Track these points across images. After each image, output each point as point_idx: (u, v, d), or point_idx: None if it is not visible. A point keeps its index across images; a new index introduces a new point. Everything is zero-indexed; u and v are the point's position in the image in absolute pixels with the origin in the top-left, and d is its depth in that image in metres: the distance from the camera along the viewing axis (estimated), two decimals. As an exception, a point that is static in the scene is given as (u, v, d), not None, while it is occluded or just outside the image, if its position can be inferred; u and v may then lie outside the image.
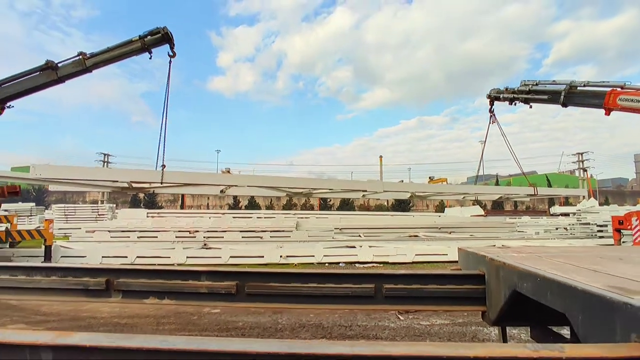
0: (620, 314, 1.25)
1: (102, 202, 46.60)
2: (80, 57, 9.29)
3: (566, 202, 48.98)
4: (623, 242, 10.43)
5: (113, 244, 13.33)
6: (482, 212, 22.93)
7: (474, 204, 30.48)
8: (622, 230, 10.18)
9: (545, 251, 2.75)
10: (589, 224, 17.46)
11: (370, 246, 12.00)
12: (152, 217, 21.38)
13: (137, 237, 15.06)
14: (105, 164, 61.53)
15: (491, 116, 13.48)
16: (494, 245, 10.91)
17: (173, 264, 10.23)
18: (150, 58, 9.81)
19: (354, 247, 12.67)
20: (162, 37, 9.51)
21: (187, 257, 10.77)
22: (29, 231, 9.64)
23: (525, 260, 2.14)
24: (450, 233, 16.76)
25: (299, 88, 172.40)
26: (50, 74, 9.18)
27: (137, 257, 10.54)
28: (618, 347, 1.14)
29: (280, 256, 10.72)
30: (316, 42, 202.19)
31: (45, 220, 10.54)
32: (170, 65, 9.87)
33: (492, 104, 13.49)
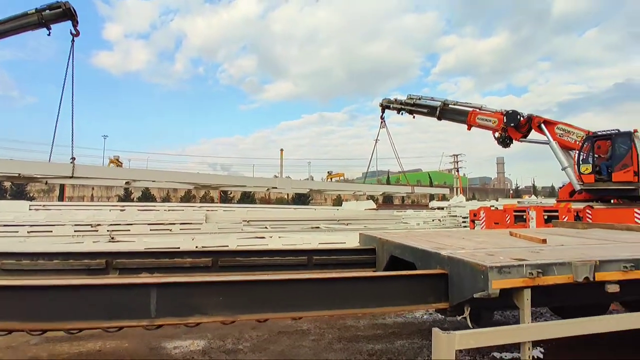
0: (433, 258, 2.72)
1: (-48, 192, 39.46)
2: None
3: (444, 197, 56.91)
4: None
5: (4, 239, 12.28)
6: (375, 206, 25.93)
7: (368, 199, 34.01)
8: (475, 221, 13.14)
9: (413, 233, 4.34)
10: (456, 216, 21.30)
11: (279, 237, 13.27)
12: (37, 209, 19.48)
13: (27, 232, 13.94)
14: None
15: (382, 122, 15.59)
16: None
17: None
18: (49, 34, 8.98)
19: (264, 237, 13.80)
20: (64, 13, 8.77)
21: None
22: None
23: (397, 238, 3.63)
24: (347, 224, 18.92)
25: (199, 73, 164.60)
26: None
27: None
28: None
29: (196, 247, 11.32)
30: (220, 26, 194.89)
31: None
32: (72, 45, 9.06)
33: (383, 111, 15.65)
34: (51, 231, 14.14)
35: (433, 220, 22.18)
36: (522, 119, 12.01)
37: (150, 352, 3.79)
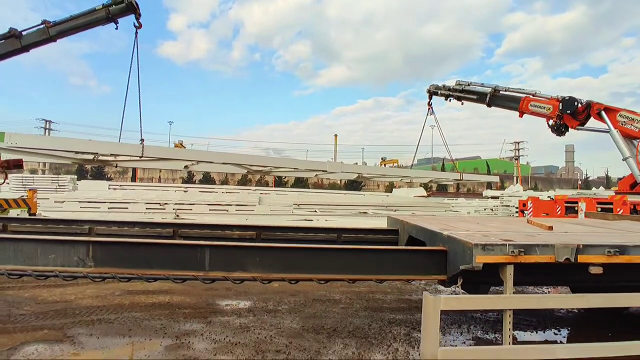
0: (438, 237, 3.16)
1: (44, 172, 45.02)
2: (44, 25, 9.07)
3: (502, 186, 54.47)
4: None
5: (89, 213, 14.20)
6: (425, 193, 25.81)
7: (420, 186, 33.63)
8: (524, 211, 12.88)
9: (435, 217, 4.73)
10: (509, 205, 20.66)
11: (326, 220, 13.97)
12: (115, 189, 21.94)
13: (108, 208, 15.97)
14: (47, 131, 58.32)
15: (429, 109, 15.44)
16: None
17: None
18: (116, 29, 9.59)
19: (312, 220, 14.59)
20: (127, 7, 9.21)
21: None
22: (15, 200, 10.45)
23: (415, 220, 4.07)
24: (395, 211, 19.21)
25: (255, 60, 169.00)
26: (14, 42, 8.98)
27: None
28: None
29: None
30: (275, 12, 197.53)
31: (29, 189, 11.31)
32: (136, 37, 9.50)
33: (430, 97, 15.46)
34: (127, 208, 16.08)
35: (485, 210, 21.69)
36: (579, 105, 11.47)
37: (207, 306, 4.60)
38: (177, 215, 14.78)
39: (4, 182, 9.46)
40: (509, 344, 2.65)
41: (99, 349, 3.33)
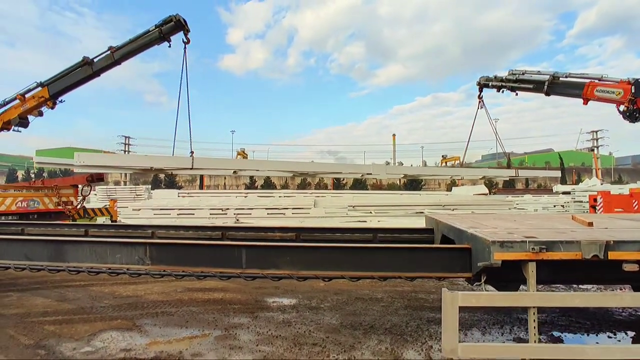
0: (464, 235, 3.21)
1: (125, 183, 49.84)
2: (110, 51, 9.97)
3: (578, 180, 49.95)
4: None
5: (161, 219, 15.57)
6: (486, 191, 24.59)
7: (483, 183, 31.95)
8: (595, 207, 11.90)
9: (471, 215, 4.68)
10: (582, 201, 19.05)
11: (379, 221, 13.98)
12: (183, 196, 23.75)
13: (177, 214, 17.39)
14: (127, 146, 64.41)
15: (480, 101, 14.68)
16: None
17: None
18: (169, 46, 10.12)
19: (365, 221, 14.68)
20: (175, 25, 9.74)
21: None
22: (100, 209, 11.86)
23: (447, 219, 4.10)
24: (452, 210, 18.59)
25: (310, 65, 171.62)
26: (87, 69, 9.96)
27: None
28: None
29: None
30: (327, 16, 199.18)
31: (111, 199, 12.77)
32: (185, 52, 10.03)
33: (481, 90, 14.65)
34: (193, 214, 17.34)
35: (554, 207, 20.20)
36: (656, 87, 10.32)
37: (255, 303, 4.98)
38: (237, 220, 15.67)
39: (89, 193, 10.81)
40: (535, 342, 2.64)
41: (160, 337, 3.82)
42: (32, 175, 51.79)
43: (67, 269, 3.60)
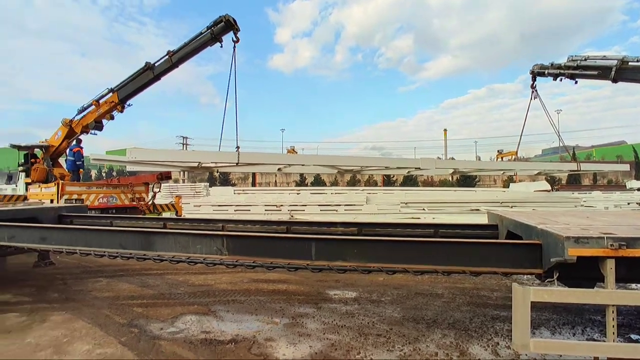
0: (533, 231, 3.17)
1: (184, 181, 52.82)
2: (168, 55, 10.56)
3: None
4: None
5: (220, 215, 16.40)
6: (548, 187, 23.17)
7: (546, 179, 30.05)
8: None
9: (536, 212, 4.54)
10: (661, 198, 17.38)
11: (433, 217, 13.74)
12: (239, 194, 24.78)
13: (234, 210, 18.23)
14: (185, 146, 68.07)
15: (533, 91, 13.79)
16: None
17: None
18: (221, 47, 10.47)
19: (419, 218, 14.47)
20: (226, 25, 10.07)
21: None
22: (167, 204, 12.76)
23: (513, 215, 4.02)
24: (511, 207, 17.76)
25: (357, 61, 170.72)
26: (148, 74, 10.64)
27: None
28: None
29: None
30: (374, 10, 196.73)
31: (176, 196, 13.69)
32: (234, 51, 10.20)
33: (534, 79, 13.70)
34: (249, 210, 18.08)
35: (628, 204, 18.60)
36: None
37: (318, 294, 5.19)
38: (292, 216, 16.12)
39: (159, 190, 11.69)
40: (613, 341, 2.57)
41: (234, 322, 4.14)
42: (104, 175, 56.52)
43: (152, 258, 4.01)
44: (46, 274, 6.30)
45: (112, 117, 11.26)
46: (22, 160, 11.52)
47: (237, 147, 10.00)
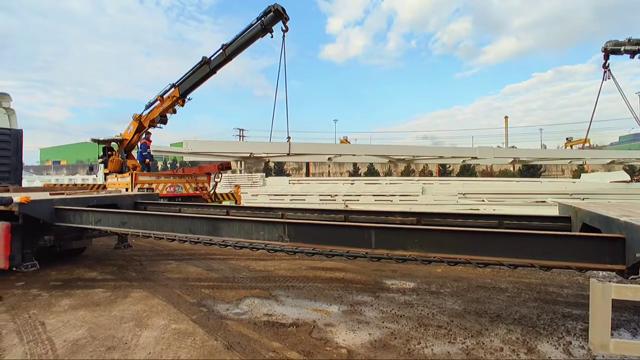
0: (614, 223, 2.92)
1: (240, 171, 54.90)
2: (222, 49, 10.73)
3: None
4: None
5: (277, 204, 16.87)
6: (627, 178, 21.03)
7: (624, 169, 27.17)
8: None
9: (620, 204, 4.17)
10: None
11: (494, 209, 13.09)
12: (293, 184, 25.30)
13: (290, 200, 18.67)
14: (241, 137, 70.52)
15: (605, 72, 12.39)
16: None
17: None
18: (272, 37, 10.43)
19: (478, 209, 13.87)
20: (275, 15, 10.04)
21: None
22: (227, 193, 13.37)
23: (589, 206, 3.72)
24: (583, 199, 16.39)
25: (411, 48, 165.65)
26: (205, 68, 10.92)
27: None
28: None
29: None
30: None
31: (235, 185, 14.30)
32: (284, 40, 10.11)
33: (606, 58, 12.25)
34: (304, 199, 18.42)
35: None
36: None
37: (375, 284, 5.20)
38: (346, 206, 16.18)
39: (220, 180, 12.28)
40: None
41: (295, 307, 4.28)
42: (168, 166, 60.37)
43: (218, 243, 4.25)
44: (125, 256, 6.92)
45: (174, 111, 11.95)
46: (101, 153, 12.69)
47: (288, 137, 10.14)
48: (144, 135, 12.32)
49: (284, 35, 10.26)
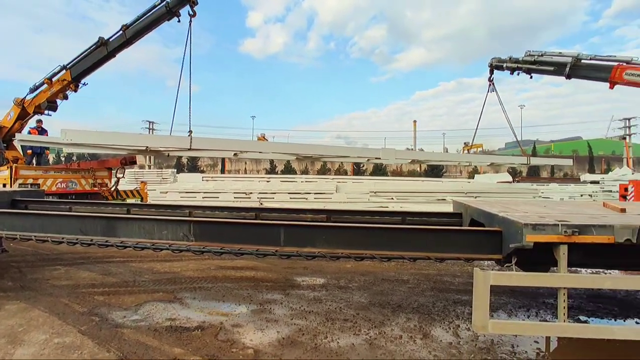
0: (494, 219, 3.29)
1: (149, 166, 51.24)
2: (122, 30, 9.63)
3: (608, 169, 48.46)
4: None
5: (187, 202, 16.02)
6: (510, 179, 24.20)
7: (507, 171, 31.29)
8: (626, 196, 11.62)
9: (499, 201, 4.73)
10: (610, 191, 18.55)
11: (401, 207, 14.03)
12: (207, 180, 24.32)
13: (202, 197, 17.87)
14: (151, 130, 65.74)
15: (490, 85, 14.04)
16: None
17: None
18: (179, 21, 9.42)
19: (387, 207, 14.77)
20: None
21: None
22: (131, 191, 12.31)
23: (476, 204, 4.17)
24: (475, 198, 18.42)
25: (330, 49, 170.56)
26: (102, 50, 9.77)
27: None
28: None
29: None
30: None
31: (141, 182, 13.24)
32: (190, 25, 9.06)
33: (492, 72, 13.84)
34: (218, 197, 17.77)
35: (582, 196, 19.73)
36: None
37: (286, 281, 5.21)
38: (261, 204, 16.00)
39: (123, 176, 11.25)
40: (564, 321, 2.73)
41: (201, 309, 4.09)
42: (63, 159, 53.76)
43: (115, 244, 3.88)
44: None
45: (65, 97, 10.46)
46: (-28, 142, 10.76)
47: (190, 131, 9.10)
48: (32, 124, 10.73)
49: (190, 20, 9.15)
